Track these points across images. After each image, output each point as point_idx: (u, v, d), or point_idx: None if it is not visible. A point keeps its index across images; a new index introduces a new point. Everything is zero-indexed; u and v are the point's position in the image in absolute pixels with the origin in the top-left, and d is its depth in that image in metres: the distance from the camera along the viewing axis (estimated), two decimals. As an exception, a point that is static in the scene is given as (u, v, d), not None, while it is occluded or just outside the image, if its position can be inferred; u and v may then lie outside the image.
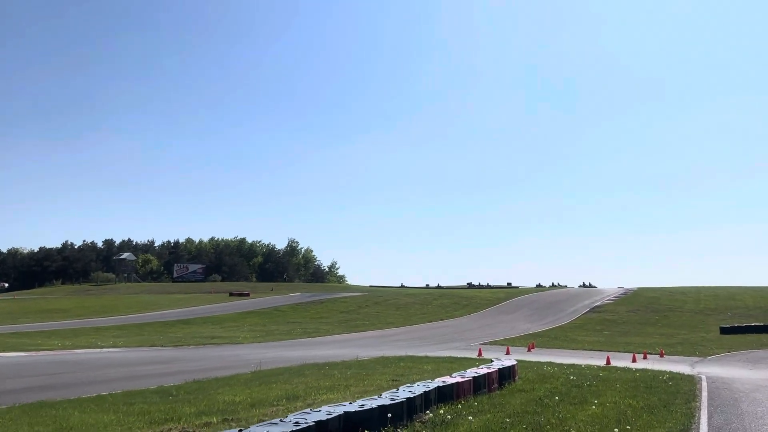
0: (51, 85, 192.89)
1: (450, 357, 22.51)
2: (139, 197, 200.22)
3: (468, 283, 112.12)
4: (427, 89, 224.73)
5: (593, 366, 20.00)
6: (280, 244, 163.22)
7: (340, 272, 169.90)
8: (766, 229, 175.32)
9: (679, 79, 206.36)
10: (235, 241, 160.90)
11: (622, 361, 24.19)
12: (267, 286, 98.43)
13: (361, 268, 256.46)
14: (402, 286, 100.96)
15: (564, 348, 30.74)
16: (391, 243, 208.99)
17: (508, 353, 26.45)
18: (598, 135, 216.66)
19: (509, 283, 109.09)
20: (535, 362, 21.04)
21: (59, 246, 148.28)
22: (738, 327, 42.11)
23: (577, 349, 30.15)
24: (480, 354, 25.18)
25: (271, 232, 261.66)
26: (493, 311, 59.78)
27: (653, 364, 23.30)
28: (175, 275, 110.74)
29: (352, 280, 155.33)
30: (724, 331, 41.40)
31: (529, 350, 28.64)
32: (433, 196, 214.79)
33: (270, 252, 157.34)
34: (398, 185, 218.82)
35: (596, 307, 60.43)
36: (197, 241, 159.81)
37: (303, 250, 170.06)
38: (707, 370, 20.93)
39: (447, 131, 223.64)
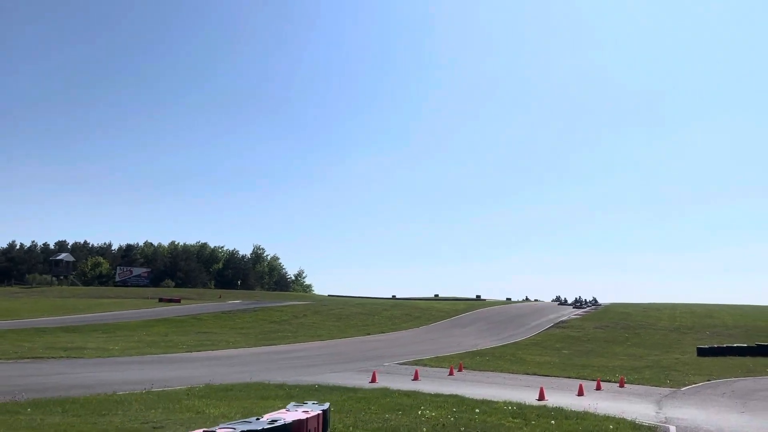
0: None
1: (313, 385, 15.71)
2: (107, 200, 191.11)
3: (435, 295, 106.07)
4: (405, 102, 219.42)
5: (508, 405, 13.29)
6: (246, 251, 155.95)
7: (308, 281, 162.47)
8: (746, 250, 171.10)
9: (665, 98, 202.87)
10: (196, 245, 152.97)
11: (563, 393, 17.52)
12: (216, 293, 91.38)
13: (342, 281, 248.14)
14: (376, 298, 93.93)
15: (501, 371, 24.01)
16: (377, 257, 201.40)
17: (416, 378, 19.68)
18: (581, 151, 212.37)
19: (478, 296, 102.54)
20: (430, 395, 14.36)
21: (5, 246, 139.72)
22: (718, 348, 35.76)
23: (516, 373, 23.43)
24: (374, 380, 18.40)
25: (254, 242, 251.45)
26: (445, 324, 53.02)
27: (605, 399, 16.67)
28: (117, 279, 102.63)
29: (325, 291, 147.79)
30: (702, 352, 35.02)
31: (450, 374, 21.89)
32: (416, 209, 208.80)
33: (230, 258, 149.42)
34: (381, 198, 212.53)
35: (561, 322, 54.00)
36: (156, 245, 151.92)
37: (269, 257, 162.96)
38: (680, 415, 14.29)
39: (440, 144, 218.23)
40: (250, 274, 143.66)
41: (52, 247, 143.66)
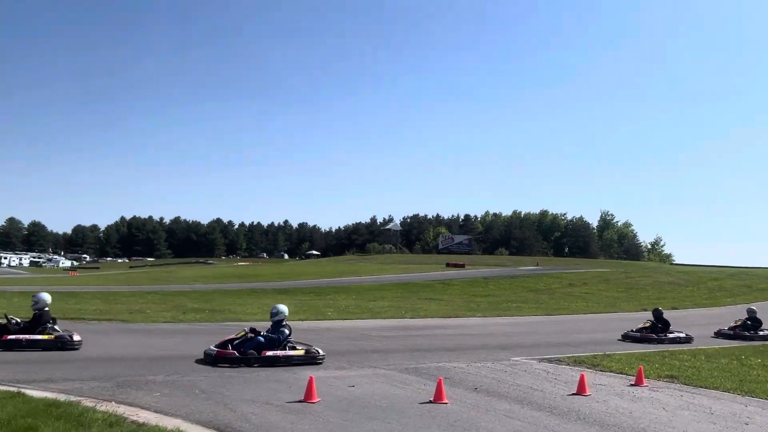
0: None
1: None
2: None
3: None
4: None
5: None
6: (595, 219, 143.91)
7: (666, 250, 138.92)
8: None
9: None
10: (536, 215, 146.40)
11: None
12: (533, 260, 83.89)
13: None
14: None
15: (721, 389, 10.33)
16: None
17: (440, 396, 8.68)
18: None
19: None
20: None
21: (368, 221, 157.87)
22: None
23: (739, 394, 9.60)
24: (310, 396, 8.41)
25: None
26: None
27: None
28: (440, 246, 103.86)
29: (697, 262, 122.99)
30: None
31: (637, 383, 9.78)
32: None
33: (571, 226, 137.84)
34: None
35: None
36: (498, 214, 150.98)
37: (619, 224, 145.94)
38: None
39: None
40: (591, 242, 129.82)
41: (408, 220, 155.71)
